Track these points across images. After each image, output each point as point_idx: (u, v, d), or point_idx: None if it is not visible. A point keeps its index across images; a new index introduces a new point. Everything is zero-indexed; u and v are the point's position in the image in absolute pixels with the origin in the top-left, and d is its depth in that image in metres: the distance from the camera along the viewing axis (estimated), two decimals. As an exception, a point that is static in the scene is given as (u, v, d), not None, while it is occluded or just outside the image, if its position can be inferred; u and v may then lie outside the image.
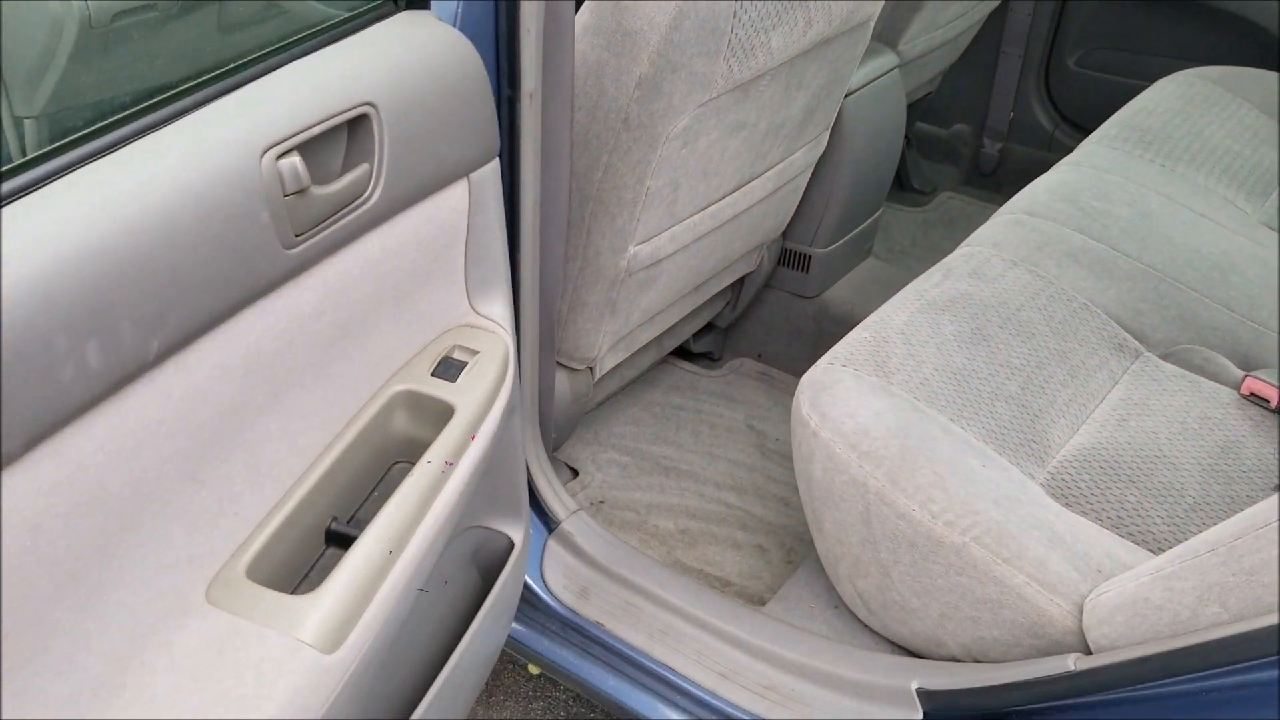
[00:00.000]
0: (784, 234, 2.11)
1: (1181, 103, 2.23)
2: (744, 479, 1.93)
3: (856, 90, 1.99)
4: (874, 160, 2.11)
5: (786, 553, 1.77)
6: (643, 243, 1.57)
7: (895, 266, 2.55)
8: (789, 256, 2.15)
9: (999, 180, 2.88)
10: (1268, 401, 1.51)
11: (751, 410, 2.12)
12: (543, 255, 1.46)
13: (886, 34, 2.15)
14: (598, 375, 1.76)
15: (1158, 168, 2.02)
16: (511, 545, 1.29)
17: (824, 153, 1.98)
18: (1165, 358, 1.61)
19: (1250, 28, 2.49)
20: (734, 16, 1.38)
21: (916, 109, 2.79)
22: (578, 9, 1.42)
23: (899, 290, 1.66)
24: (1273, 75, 2.36)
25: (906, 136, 2.84)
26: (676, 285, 1.76)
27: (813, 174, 2.00)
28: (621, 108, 1.41)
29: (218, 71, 0.87)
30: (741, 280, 2.10)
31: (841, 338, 1.53)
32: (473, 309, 1.15)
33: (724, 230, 1.77)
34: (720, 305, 2.14)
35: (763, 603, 1.67)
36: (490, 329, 1.14)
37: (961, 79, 2.81)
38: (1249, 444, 1.45)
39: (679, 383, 2.18)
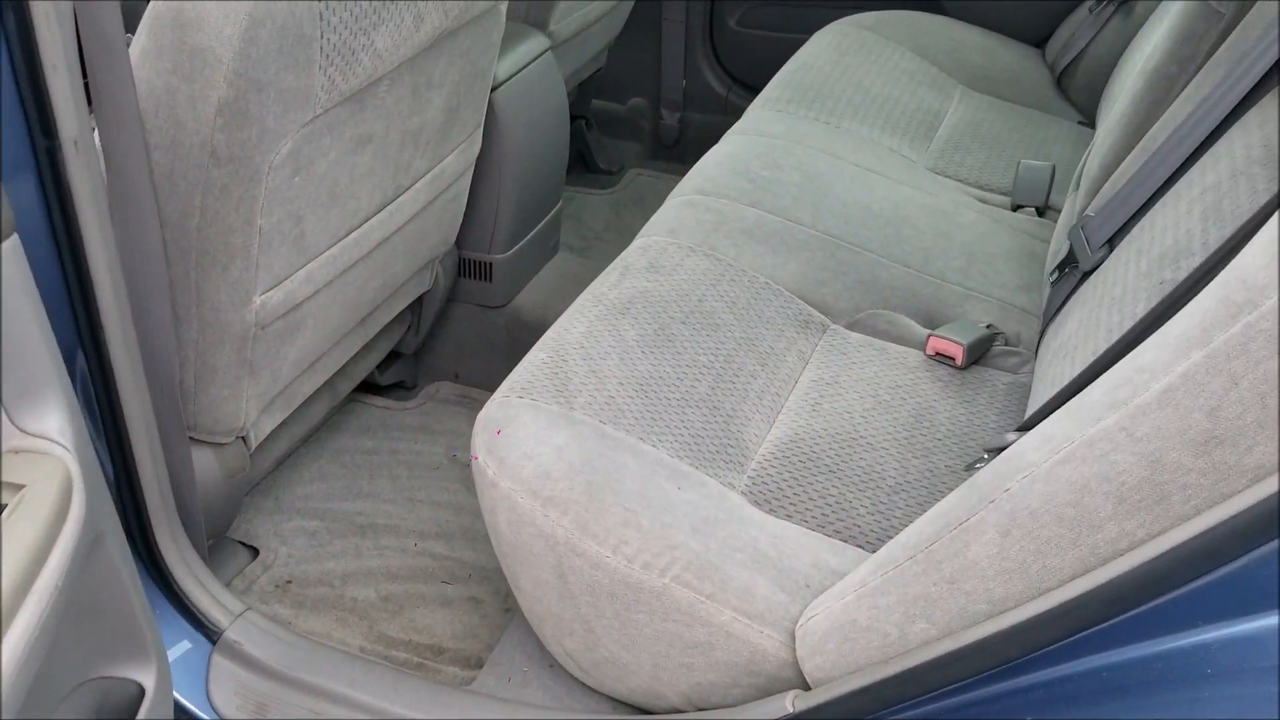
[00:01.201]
0: (459, 244, 1.94)
1: (838, 54, 2.21)
2: (450, 522, 1.75)
3: (506, 81, 1.83)
4: (541, 151, 1.97)
5: (503, 600, 1.61)
6: (271, 290, 1.35)
7: (588, 258, 2.43)
8: (468, 266, 1.97)
9: (682, 151, 2.81)
10: (953, 359, 1.48)
11: (453, 440, 1.94)
12: (142, 326, 1.22)
13: (534, 15, 2.00)
14: (255, 443, 1.53)
15: (823, 125, 1.98)
16: (142, 692, 1.06)
17: (482, 153, 1.81)
18: (851, 327, 1.55)
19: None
20: (321, 20, 1.18)
21: (590, 86, 2.68)
22: (132, 29, 1.19)
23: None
24: (920, 15, 2.39)
25: (585, 117, 2.73)
26: (331, 325, 1.55)
27: (475, 177, 1.84)
28: (205, 140, 1.18)
29: None
30: (420, 301, 1.91)
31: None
32: (17, 428, 0.91)
33: (377, 256, 1.58)
34: (401, 331, 1.94)
35: (480, 664, 1.51)
36: (42, 450, 0.90)
37: (629, 52, 2.72)
38: (940, 409, 1.41)
39: (370, 422, 1.97)
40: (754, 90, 2.69)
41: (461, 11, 1.42)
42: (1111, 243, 1.35)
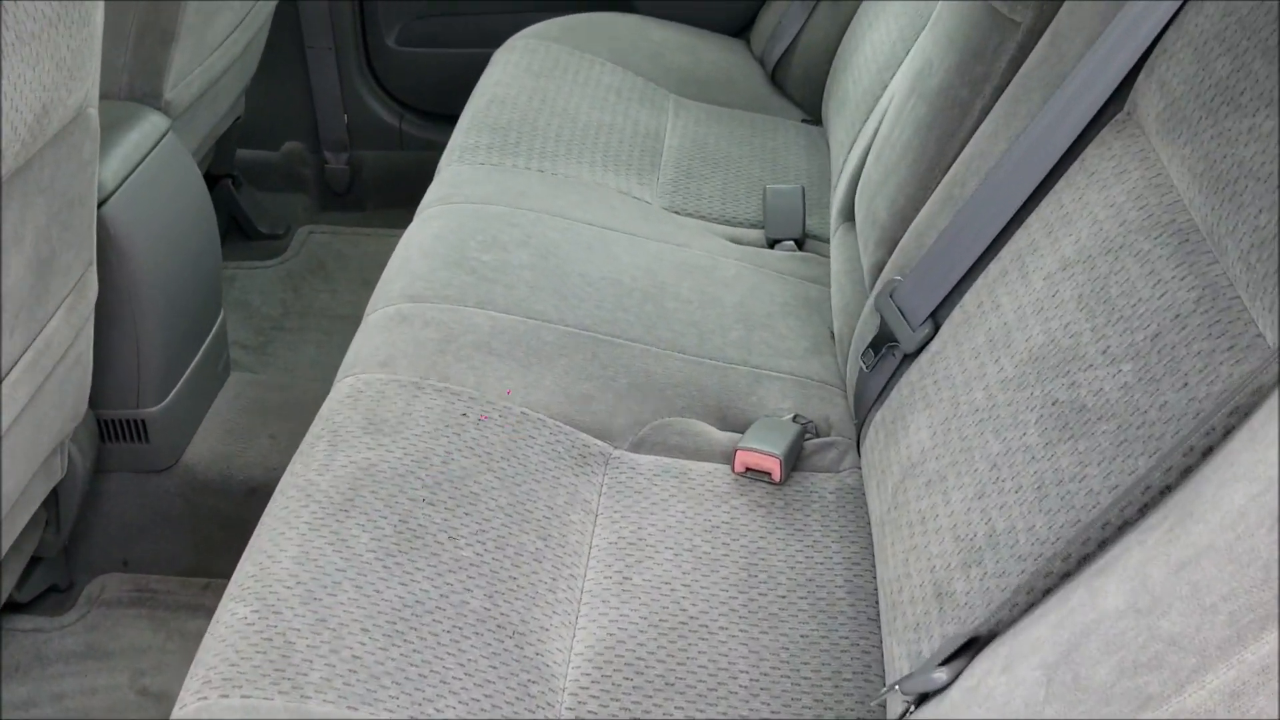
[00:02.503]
0: (95, 403, 1.45)
1: (530, 76, 1.88)
2: (156, 793, 1.31)
3: (117, 189, 1.36)
4: (181, 264, 1.51)
5: None
6: None
7: (270, 362, 1.99)
8: (114, 429, 1.50)
9: (359, 197, 2.38)
10: (769, 474, 1.21)
11: (137, 661, 1.47)
12: None
13: (141, 88, 1.52)
14: None
15: (536, 175, 1.65)
16: None
17: (103, 291, 1.34)
18: (637, 448, 1.25)
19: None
20: None
21: (231, 138, 2.19)
22: None
23: (293, 402, 1.14)
24: (608, 17, 2.10)
25: (230, 175, 2.25)
26: (-85, 605, 1.07)
27: (99, 323, 1.36)
28: None
29: None
30: (55, 492, 1.42)
31: (231, 506, 0.98)
32: None
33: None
34: (36, 534, 1.44)
35: None
36: None
37: (273, 90, 2.25)
38: (773, 550, 1.13)
39: (17, 657, 1.47)
40: (431, 117, 2.31)
41: (26, 143, 0.96)
42: (935, 316, 1.11)
